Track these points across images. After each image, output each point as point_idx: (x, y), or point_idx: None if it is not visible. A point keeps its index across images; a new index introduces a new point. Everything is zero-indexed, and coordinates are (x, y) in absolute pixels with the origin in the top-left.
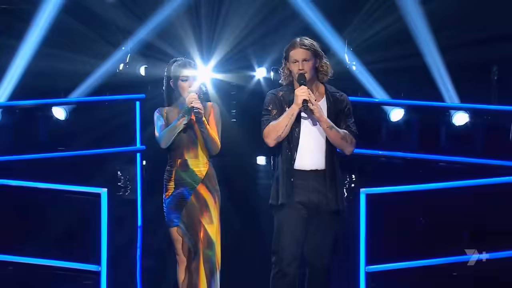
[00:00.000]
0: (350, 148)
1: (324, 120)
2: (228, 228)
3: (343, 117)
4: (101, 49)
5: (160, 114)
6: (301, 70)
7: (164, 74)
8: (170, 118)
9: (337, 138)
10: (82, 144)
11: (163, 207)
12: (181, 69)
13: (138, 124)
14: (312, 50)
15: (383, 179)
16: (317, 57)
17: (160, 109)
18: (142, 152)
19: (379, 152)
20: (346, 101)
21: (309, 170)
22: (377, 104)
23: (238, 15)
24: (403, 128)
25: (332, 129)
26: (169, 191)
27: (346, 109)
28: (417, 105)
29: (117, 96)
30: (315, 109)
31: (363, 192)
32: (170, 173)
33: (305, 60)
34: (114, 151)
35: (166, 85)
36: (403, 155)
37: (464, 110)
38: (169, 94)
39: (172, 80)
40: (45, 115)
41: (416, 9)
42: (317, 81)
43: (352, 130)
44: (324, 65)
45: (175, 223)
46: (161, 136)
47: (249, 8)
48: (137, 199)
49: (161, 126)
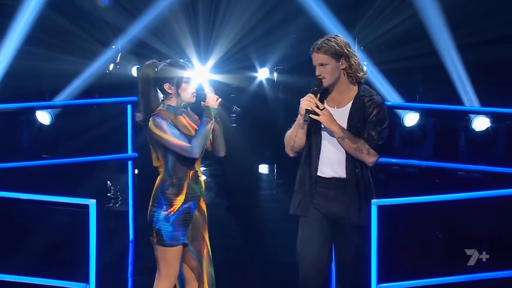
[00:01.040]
0: (368, 159)
1: (335, 129)
2: (228, 242)
3: (367, 125)
4: (89, 48)
5: (169, 122)
6: (319, 76)
7: (150, 77)
8: (178, 125)
9: (351, 149)
10: (68, 151)
11: (162, 225)
12: (183, 70)
13: (129, 129)
14: (330, 53)
15: (396, 189)
16: (341, 59)
17: (164, 115)
18: (134, 160)
19: (391, 160)
20: (374, 107)
21: (330, 178)
22: (390, 107)
23: (238, 10)
24: (418, 134)
25: (345, 139)
26: (174, 206)
27: (371, 117)
28: (433, 108)
29: (107, 99)
30: (321, 118)
31: (374, 203)
32: (180, 187)
33: (322, 65)
34: (104, 159)
35: (153, 89)
36: (418, 163)
37: (484, 114)
38: (155, 99)
39: (168, 83)
40: (28, 119)
41: (432, 3)
42: (349, 83)
43: (373, 140)
44: (353, 66)
45: (180, 241)
46: (197, 145)
47: (250, 3)
48: (129, 211)
49: (180, 135)
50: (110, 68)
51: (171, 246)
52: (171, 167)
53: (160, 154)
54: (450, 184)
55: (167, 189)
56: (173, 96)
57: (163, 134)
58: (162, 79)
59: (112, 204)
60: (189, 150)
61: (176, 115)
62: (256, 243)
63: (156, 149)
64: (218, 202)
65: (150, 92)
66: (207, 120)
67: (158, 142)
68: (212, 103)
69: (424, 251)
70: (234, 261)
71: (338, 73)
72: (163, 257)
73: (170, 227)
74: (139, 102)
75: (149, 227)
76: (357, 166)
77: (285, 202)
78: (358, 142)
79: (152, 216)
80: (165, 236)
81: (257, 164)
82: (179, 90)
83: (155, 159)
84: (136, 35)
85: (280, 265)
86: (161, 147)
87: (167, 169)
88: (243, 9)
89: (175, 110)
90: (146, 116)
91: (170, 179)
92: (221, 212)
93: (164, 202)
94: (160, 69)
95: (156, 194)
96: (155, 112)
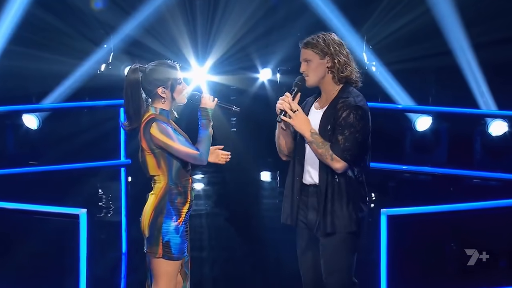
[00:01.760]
0: (333, 165)
1: (305, 133)
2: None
3: (335, 129)
4: (79, 47)
5: (171, 127)
6: (303, 73)
7: (139, 82)
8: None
9: (317, 154)
10: (57, 157)
11: (171, 237)
12: (174, 72)
13: (122, 135)
14: (315, 49)
15: (407, 198)
16: (326, 56)
17: (162, 119)
18: (127, 166)
19: (402, 167)
20: (344, 109)
21: (308, 185)
22: (401, 111)
23: (239, 7)
24: (431, 139)
25: (312, 144)
26: (182, 216)
27: (340, 120)
28: (447, 112)
29: (98, 101)
30: (293, 121)
31: (384, 213)
32: (185, 195)
33: (306, 61)
34: (95, 166)
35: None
36: (430, 171)
37: (502, 117)
38: (144, 104)
39: (162, 86)
40: (14, 123)
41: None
42: (333, 83)
43: (338, 145)
44: (336, 64)
45: (185, 254)
46: (205, 151)
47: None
48: (122, 221)
49: (186, 141)
50: (101, 69)
51: (178, 259)
52: (175, 175)
53: (163, 162)
54: (465, 192)
55: (176, 198)
56: (167, 100)
57: (170, 141)
58: (153, 83)
59: (104, 214)
60: (198, 157)
61: (169, 120)
62: (257, 256)
63: (158, 157)
64: (217, 212)
65: (140, 97)
66: (206, 122)
67: (162, 149)
68: (209, 104)
69: (437, 265)
70: (234, 275)
71: (323, 72)
72: (166, 272)
73: (179, 239)
74: (127, 109)
75: (152, 240)
76: (329, 172)
77: None
78: (323, 147)
79: (159, 228)
80: (174, 249)
81: (258, 171)
82: (174, 93)
83: (155, 167)
84: (130, 33)
85: (282, 278)
86: (166, 154)
87: (170, 177)
88: (244, 6)
89: (168, 115)
90: (137, 123)
91: (176, 187)
92: (220, 222)
93: (174, 212)
94: (149, 73)
95: (163, 204)
96: (148, 116)
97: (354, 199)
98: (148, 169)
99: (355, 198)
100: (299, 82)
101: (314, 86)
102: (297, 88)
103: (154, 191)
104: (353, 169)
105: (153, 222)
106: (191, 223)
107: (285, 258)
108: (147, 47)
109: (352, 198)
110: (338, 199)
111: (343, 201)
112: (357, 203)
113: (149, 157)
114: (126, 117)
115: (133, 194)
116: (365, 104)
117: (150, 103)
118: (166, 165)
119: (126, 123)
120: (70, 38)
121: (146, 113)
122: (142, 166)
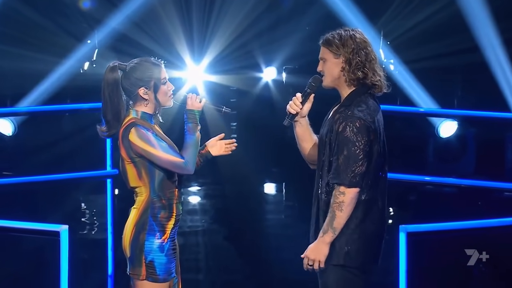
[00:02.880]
0: (347, 199)
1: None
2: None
3: (332, 146)
4: (60, 43)
5: (155, 133)
6: (320, 72)
7: (118, 82)
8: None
9: (341, 220)
10: (34, 167)
11: (155, 256)
12: (158, 70)
13: (108, 142)
14: (330, 46)
15: (429, 213)
16: (341, 55)
17: (143, 123)
18: (113, 177)
19: (424, 178)
20: (340, 121)
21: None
22: (422, 115)
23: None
24: (456, 147)
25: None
26: (167, 232)
27: (336, 135)
28: (474, 116)
29: (81, 104)
30: (296, 126)
31: (403, 229)
32: (170, 209)
33: (322, 59)
34: (78, 177)
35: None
36: (456, 182)
37: None
38: (124, 107)
39: (144, 87)
40: None
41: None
42: (346, 86)
43: (339, 170)
44: (352, 64)
45: (172, 275)
46: (191, 159)
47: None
48: (107, 239)
49: (170, 148)
50: (85, 67)
51: (164, 281)
52: (158, 186)
53: (144, 171)
54: (495, 206)
55: (159, 212)
56: (149, 102)
57: (151, 148)
58: (135, 83)
59: (88, 231)
60: (183, 166)
61: (151, 124)
62: (261, 279)
63: (139, 166)
64: (216, 229)
65: (119, 99)
66: (193, 126)
67: (143, 157)
68: (195, 105)
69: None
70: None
71: (337, 72)
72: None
73: (164, 258)
74: (104, 113)
75: (135, 260)
76: (322, 188)
77: (296, 229)
78: (330, 217)
79: (142, 246)
80: (159, 269)
81: (262, 183)
82: (158, 95)
83: (136, 178)
84: (117, 27)
85: None
86: (147, 164)
87: (152, 189)
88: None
89: (151, 118)
90: (115, 128)
91: (159, 200)
92: (219, 241)
93: (157, 228)
94: (130, 72)
95: (145, 219)
96: (128, 121)
97: (348, 223)
98: (128, 180)
99: (348, 222)
100: (313, 83)
101: (329, 87)
102: (310, 89)
103: (135, 204)
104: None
105: (135, 239)
106: (186, 242)
107: (292, 282)
108: (136, 42)
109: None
110: (324, 221)
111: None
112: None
113: (129, 167)
114: (104, 121)
115: (121, 209)
116: (365, 116)
117: (132, 106)
118: (148, 176)
119: (104, 128)
120: (50, 33)
121: (127, 117)
122: (123, 177)
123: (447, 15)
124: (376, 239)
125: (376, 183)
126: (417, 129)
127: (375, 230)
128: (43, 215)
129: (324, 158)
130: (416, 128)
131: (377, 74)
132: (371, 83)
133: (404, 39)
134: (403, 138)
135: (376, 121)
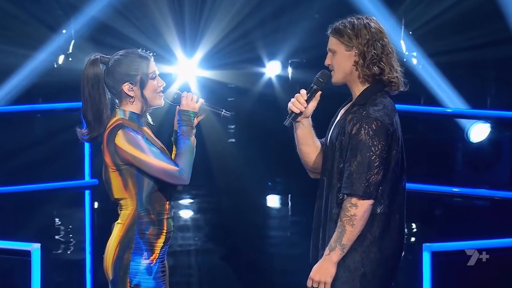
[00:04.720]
0: (359, 213)
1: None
2: None
3: (343, 151)
4: (31, 34)
5: (143, 136)
6: (328, 66)
7: (100, 77)
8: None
9: (351, 235)
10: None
11: (142, 279)
12: (146, 63)
13: (87, 148)
14: (341, 37)
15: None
16: (353, 46)
17: (132, 125)
18: (93, 188)
19: (452, 190)
20: (354, 123)
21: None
22: (450, 116)
23: None
24: (489, 153)
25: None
26: (155, 252)
27: (349, 138)
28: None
29: (55, 104)
30: (297, 128)
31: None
32: (160, 225)
33: (331, 51)
34: (51, 188)
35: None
36: (488, 194)
37: None
38: (107, 106)
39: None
40: None
41: None
42: (358, 83)
43: (352, 178)
44: (366, 58)
45: None
46: (187, 167)
47: None
48: (86, 259)
49: (162, 154)
50: (59, 61)
51: None
52: (146, 198)
53: (131, 181)
54: None
55: (147, 228)
56: (136, 100)
57: (141, 154)
58: (118, 78)
59: (63, 250)
60: (178, 175)
61: (140, 126)
62: None
63: (125, 175)
64: (210, 248)
65: (101, 97)
66: (187, 129)
67: (131, 164)
68: (191, 106)
69: None
70: None
71: (349, 67)
72: None
73: (152, 281)
74: (85, 113)
75: (118, 283)
76: (331, 200)
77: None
78: (338, 233)
79: (126, 267)
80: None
81: (264, 195)
82: (144, 91)
83: (121, 188)
84: (96, 15)
85: None
86: (135, 172)
87: (140, 202)
88: None
89: (139, 119)
90: (97, 131)
91: (148, 215)
92: (215, 260)
93: (144, 247)
94: (113, 65)
95: (131, 236)
96: (114, 122)
97: (360, 239)
98: (112, 191)
99: (361, 239)
100: (321, 79)
101: (340, 83)
102: (316, 85)
103: (120, 219)
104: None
105: (118, 259)
106: (177, 262)
107: None
108: (118, 33)
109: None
110: (328, 237)
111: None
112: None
113: (114, 175)
114: (85, 122)
115: (101, 224)
116: (382, 117)
117: (118, 105)
118: (135, 186)
119: (85, 131)
120: (19, 22)
121: (113, 117)
122: (106, 187)
123: (478, 1)
124: (394, 260)
125: (393, 195)
126: (444, 133)
127: (393, 249)
128: (11, 232)
129: (334, 165)
130: (442, 132)
131: (394, 70)
132: (388, 80)
133: (429, 28)
134: (427, 143)
135: (394, 123)
